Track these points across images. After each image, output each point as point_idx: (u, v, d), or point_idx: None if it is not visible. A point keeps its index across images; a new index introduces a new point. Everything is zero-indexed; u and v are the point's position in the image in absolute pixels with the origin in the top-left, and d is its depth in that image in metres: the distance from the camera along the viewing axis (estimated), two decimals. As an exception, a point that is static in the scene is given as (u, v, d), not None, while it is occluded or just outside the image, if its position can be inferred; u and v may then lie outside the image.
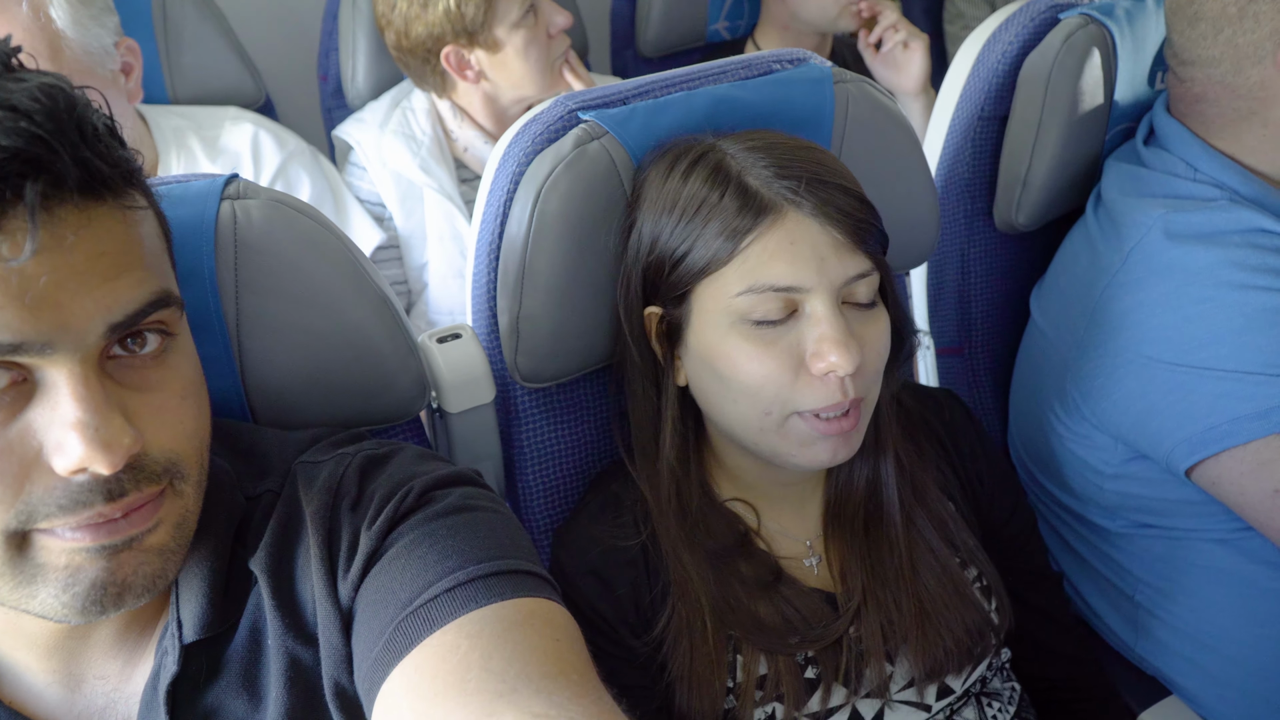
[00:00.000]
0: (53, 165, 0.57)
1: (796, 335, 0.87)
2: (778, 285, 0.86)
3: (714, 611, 0.93)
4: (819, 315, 0.86)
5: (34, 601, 0.62)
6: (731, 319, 0.88)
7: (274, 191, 0.87)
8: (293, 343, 0.87)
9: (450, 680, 0.61)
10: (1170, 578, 1.21)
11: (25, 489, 0.59)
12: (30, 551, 0.61)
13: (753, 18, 2.19)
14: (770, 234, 0.86)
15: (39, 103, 0.57)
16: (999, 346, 1.42)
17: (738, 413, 0.91)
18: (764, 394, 0.88)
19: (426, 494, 0.73)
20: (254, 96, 1.83)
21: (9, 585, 0.61)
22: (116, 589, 0.62)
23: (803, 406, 0.88)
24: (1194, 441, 1.06)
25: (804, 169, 0.87)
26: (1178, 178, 1.14)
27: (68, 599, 0.61)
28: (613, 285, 0.99)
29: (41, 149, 0.56)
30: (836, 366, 0.85)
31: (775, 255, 0.86)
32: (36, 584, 0.61)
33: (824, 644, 0.95)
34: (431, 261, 1.79)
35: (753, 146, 0.90)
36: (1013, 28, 1.28)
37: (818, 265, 0.86)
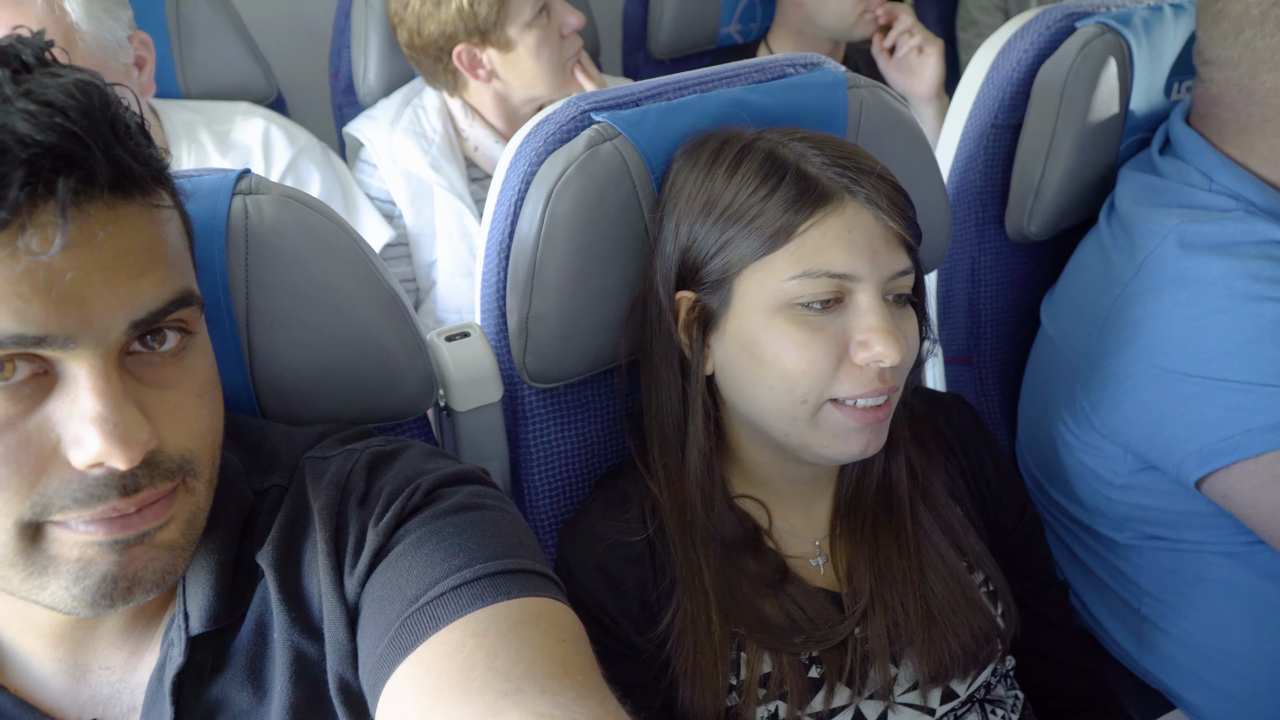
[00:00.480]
0: (85, 162, 0.57)
1: (843, 324, 0.89)
2: (833, 271, 0.87)
3: (720, 607, 0.93)
4: (866, 306, 0.88)
5: (44, 593, 0.62)
6: (779, 303, 0.89)
7: (285, 187, 0.87)
8: (302, 338, 0.87)
9: (455, 678, 0.61)
10: (1177, 590, 1.20)
11: (41, 481, 0.60)
12: (43, 543, 0.61)
13: (765, 21, 2.19)
14: (829, 221, 0.87)
15: (73, 99, 0.57)
16: (1008, 355, 1.42)
17: (772, 400, 0.91)
18: (803, 381, 0.89)
19: (434, 491, 0.73)
20: (265, 92, 1.83)
21: (20, 576, 0.62)
22: (126, 583, 0.63)
23: (840, 394, 0.89)
24: (1205, 453, 1.06)
25: (855, 162, 0.89)
26: (1193, 188, 1.14)
27: (78, 591, 0.62)
28: (623, 287, 0.99)
29: (75, 145, 0.57)
30: (882, 357, 0.86)
31: (834, 242, 0.87)
32: (48, 575, 0.62)
33: (829, 644, 0.95)
34: (440, 260, 1.79)
35: (803, 138, 0.91)
36: (1028, 35, 1.28)
37: (871, 256, 0.87)
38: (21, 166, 0.55)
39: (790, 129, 0.94)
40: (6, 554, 0.61)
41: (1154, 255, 1.11)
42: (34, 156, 0.55)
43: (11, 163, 0.55)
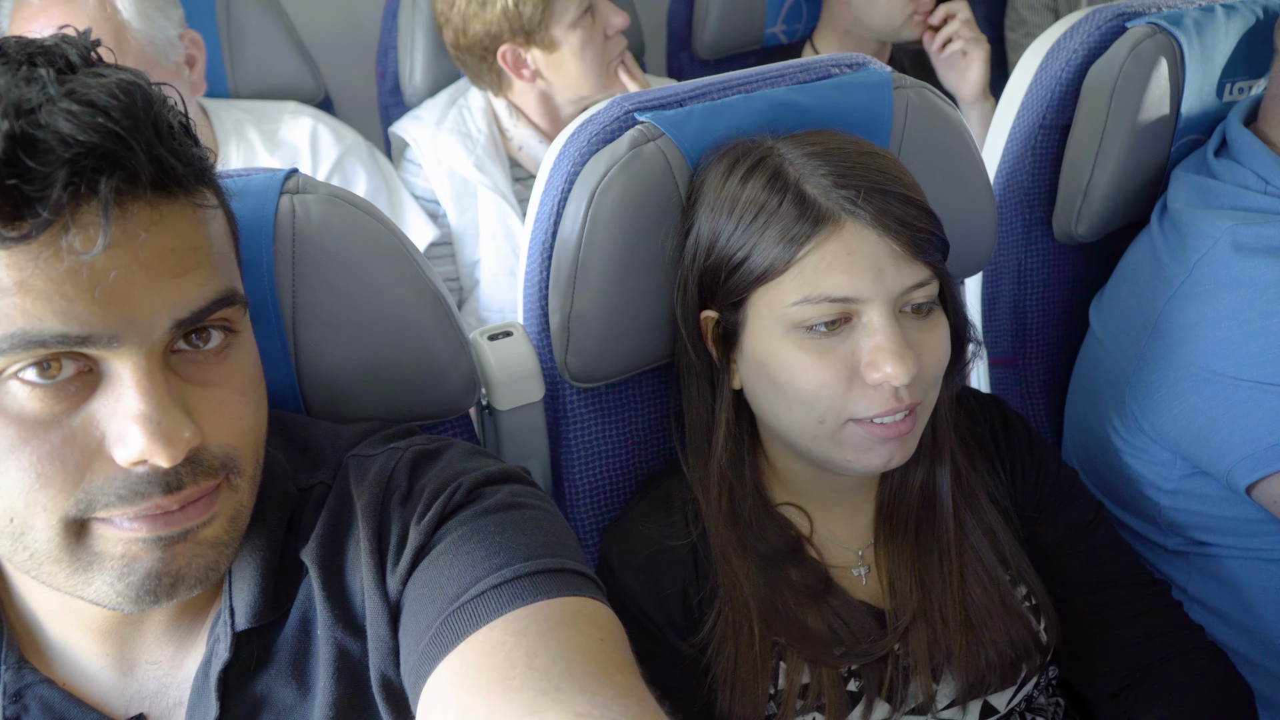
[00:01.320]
0: (128, 162, 0.58)
1: (852, 344, 0.87)
2: (834, 296, 0.86)
3: (761, 617, 0.93)
4: (875, 325, 0.86)
5: (89, 589, 0.63)
6: (786, 327, 0.88)
7: (332, 187, 0.88)
8: (347, 336, 0.87)
9: (495, 677, 0.61)
10: (1227, 599, 1.18)
11: (86, 478, 0.60)
12: (88, 540, 0.62)
13: (811, 21, 2.17)
14: (828, 244, 0.86)
15: (116, 99, 0.58)
16: (1054, 358, 1.40)
17: (792, 419, 0.91)
18: (818, 402, 0.88)
19: (475, 490, 0.74)
20: (313, 92, 1.85)
21: (65, 571, 0.62)
22: (170, 580, 0.63)
23: (858, 414, 0.88)
24: (1256, 458, 1.04)
25: (863, 177, 0.86)
26: (1248, 190, 1.12)
27: (122, 588, 0.62)
28: (665, 287, 0.99)
29: (117, 145, 0.57)
30: (891, 377, 0.85)
31: (832, 265, 0.85)
32: (92, 571, 0.62)
33: (870, 659, 0.94)
34: (484, 259, 1.80)
35: (812, 151, 0.89)
36: (1077, 36, 1.26)
37: (875, 276, 0.85)
38: (64, 166, 0.55)
39: (814, 135, 0.92)
40: (52, 550, 0.61)
41: (1207, 258, 1.10)
42: (76, 156, 0.55)
43: (54, 163, 0.55)
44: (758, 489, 0.99)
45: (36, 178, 0.55)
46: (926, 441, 0.97)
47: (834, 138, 0.92)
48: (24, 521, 0.60)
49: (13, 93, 0.55)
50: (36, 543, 0.61)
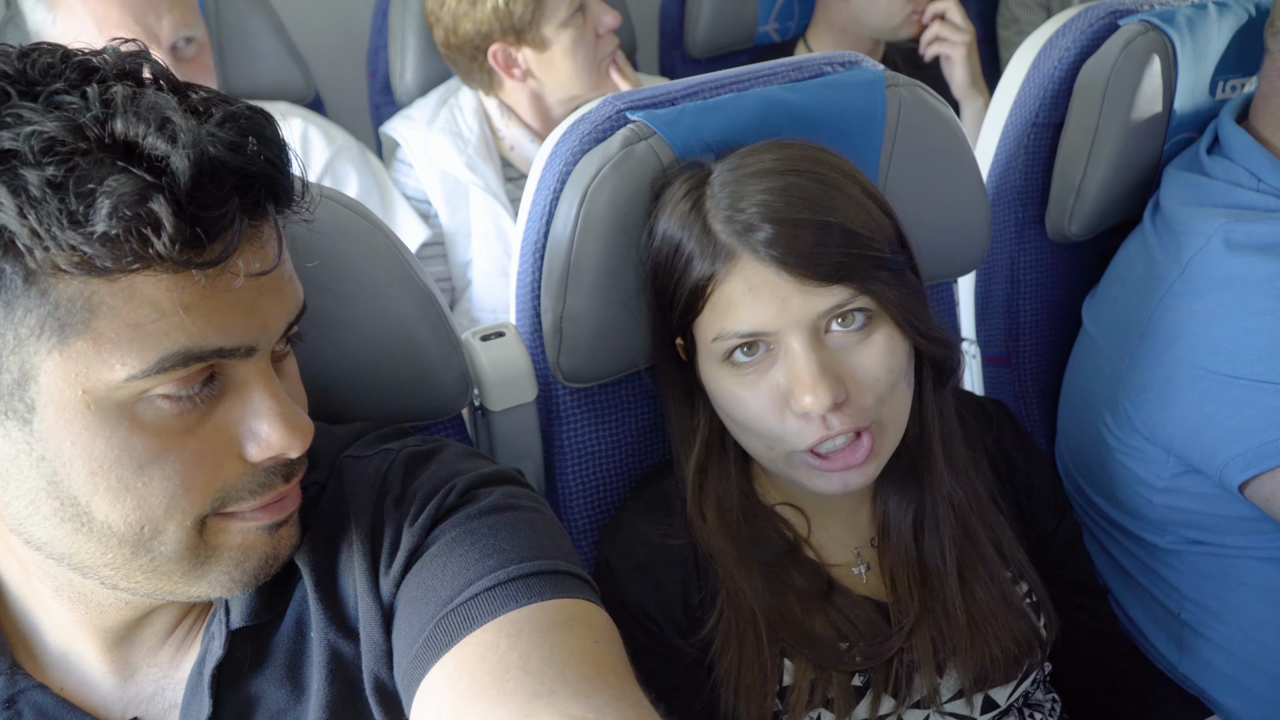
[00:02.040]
0: (282, 187, 0.63)
1: (776, 374, 0.87)
2: (741, 331, 0.85)
3: (768, 624, 0.93)
4: (791, 353, 0.85)
5: (201, 583, 0.66)
6: (717, 360, 0.89)
7: (322, 187, 0.88)
8: (339, 338, 0.87)
9: (489, 679, 0.61)
10: (1218, 596, 1.18)
11: (221, 478, 0.63)
12: (209, 535, 0.65)
13: (803, 19, 2.17)
14: (729, 280, 0.85)
15: (262, 129, 0.61)
16: (1047, 357, 1.40)
17: (749, 443, 0.92)
18: (760, 431, 0.89)
19: (469, 492, 0.74)
20: (303, 92, 1.85)
21: (183, 569, 0.65)
22: (273, 560, 0.69)
23: (795, 446, 0.87)
24: (1249, 456, 1.04)
25: (765, 208, 0.84)
26: (1241, 187, 1.12)
27: (238, 574, 0.67)
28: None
29: (275, 173, 0.61)
30: (810, 407, 0.84)
31: (735, 301, 0.85)
32: (209, 565, 0.65)
33: (878, 661, 0.94)
34: (476, 259, 1.79)
35: (738, 175, 0.87)
36: (1070, 33, 1.26)
37: (779, 307, 0.84)
38: (236, 194, 0.59)
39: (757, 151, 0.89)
40: (179, 551, 0.63)
41: (1199, 255, 1.10)
42: (246, 185, 0.59)
43: (229, 190, 0.58)
44: (747, 496, 0.98)
45: (217, 205, 0.57)
46: (912, 456, 0.96)
47: (772, 157, 0.88)
48: (157, 527, 0.62)
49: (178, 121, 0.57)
50: (165, 545, 0.63)
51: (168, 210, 0.55)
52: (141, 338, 0.58)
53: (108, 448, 0.59)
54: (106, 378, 0.58)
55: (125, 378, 0.58)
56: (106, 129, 0.56)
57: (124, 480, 0.60)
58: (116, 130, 0.56)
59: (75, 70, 0.59)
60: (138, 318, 0.57)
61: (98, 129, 0.56)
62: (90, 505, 0.60)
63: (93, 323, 0.57)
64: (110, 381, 0.58)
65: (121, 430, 0.59)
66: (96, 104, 0.57)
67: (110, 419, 0.59)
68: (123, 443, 0.60)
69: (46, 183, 0.54)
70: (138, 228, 0.55)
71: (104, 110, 0.57)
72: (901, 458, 0.95)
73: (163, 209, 0.55)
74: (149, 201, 0.55)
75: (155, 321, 0.58)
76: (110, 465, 0.60)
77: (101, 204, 0.54)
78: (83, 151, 0.55)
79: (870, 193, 0.89)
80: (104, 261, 0.55)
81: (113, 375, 0.58)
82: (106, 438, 0.59)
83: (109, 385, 0.58)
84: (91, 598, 0.68)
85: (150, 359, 0.58)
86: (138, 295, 0.57)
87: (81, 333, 0.57)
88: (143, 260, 0.56)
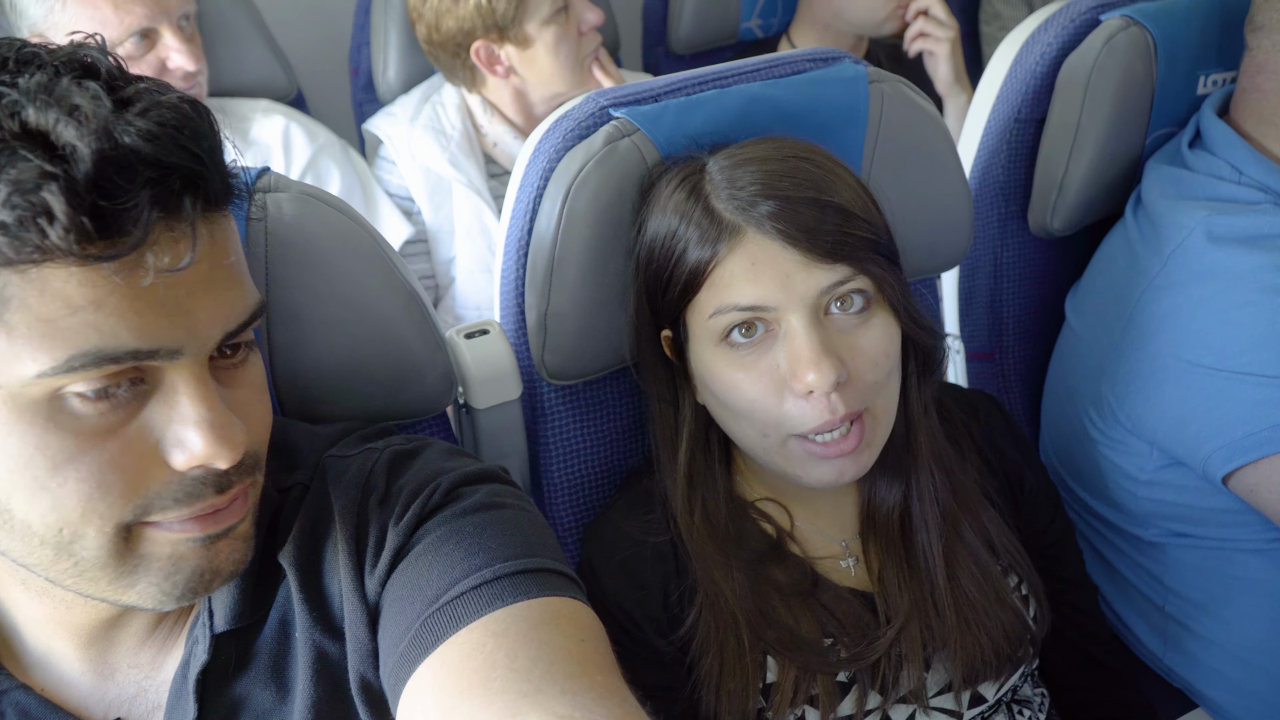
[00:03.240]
0: (206, 180, 0.60)
1: (776, 355, 0.87)
2: (741, 305, 0.86)
3: (749, 625, 0.92)
4: (792, 332, 0.85)
5: (130, 592, 0.64)
6: (714, 341, 0.88)
7: (305, 185, 0.87)
8: (322, 336, 0.87)
9: (475, 679, 0.61)
10: (1203, 589, 1.19)
11: (143, 484, 0.61)
12: (135, 544, 0.63)
13: (785, 16, 2.17)
14: (732, 255, 0.86)
15: (189, 119, 0.59)
16: (1031, 352, 1.40)
17: (741, 433, 0.92)
18: (756, 416, 0.88)
19: (454, 491, 0.74)
20: (286, 89, 1.84)
21: (109, 577, 0.63)
22: (210, 575, 0.65)
23: (795, 429, 0.87)
24: (1232, 448, 1.04)
25: (767, 186, 0.85)
26: (1222, 180, 1.12)
27: (168, 587, 0.64)
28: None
29: (198, 165, 0.59)
30: (813, 384, 0.84)
31: (737, 276, 0.85)
32: (137, 574, 0.63)
33: (864, 663, 0.94)
34: (459, 256, 1.79)
35: (735, 162, 0.88)
36: (1052, 29, 1.27)
37: (781, 283, 0.84)
38: (149, 186, 0.56)
39: (754, 144, 0.91)
40: (100, 557, 0.62)
41: (1181, 248, 1.10)
42: (161, 176, 0.57)
43: (140, 182, 0.56)
44: (730, 496, 0.98)
45: (123, 196, 0.55)
46: (896, 453, 0.96)
47: (767, 146, 0.90)
48: (75, 531, 0.60)
49: (88, 108, 0.56)
50: (85, 550, 0.61)
51: (61, 200, 0.54)
52: (52, 334, 0.56)
53: (22, 445, 0.58)
54: (19, 373, 0.57)
55: (35, 374, 0.57)
56: (18, 118, 0.55)
57: (39, 480, 0.59)
58: (28, 119, 0.55)
59: (17, 62, 0.58)
60: (49, 312, 0.56)
61: (10, 119, 0.55)
62: (9, 503, 0.59)
63: (4, 315, 0.56)
64: (22, 377, 0.57)
65: (36, 428, 0.58)
66: (15, 94, 0.56)
67: (26, 416, 0.58)
68: (38, 441, 0.58)
69: None
70: (33, 217, 0.54)
71: (22, 99, 0.56)
72: (887, 451, 0.95)
73: (55, 198, 0.54)
74: (41, 190, 0.54)
75: (66, 318, 0.56)
76: (25, 464, 0.58)
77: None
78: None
79: (860, 183, 0.90)
80: (6, 251, 0.54)
81: (24, 371, 0.57)
82: (21, 435, 0.58)
83: (21, 381, 0.57)
84: (54, 592, 0.67)
85: (59, 356, 0.56)
86: (49, 289, 0.56)
87: None
88: (42, 251, 0.55)
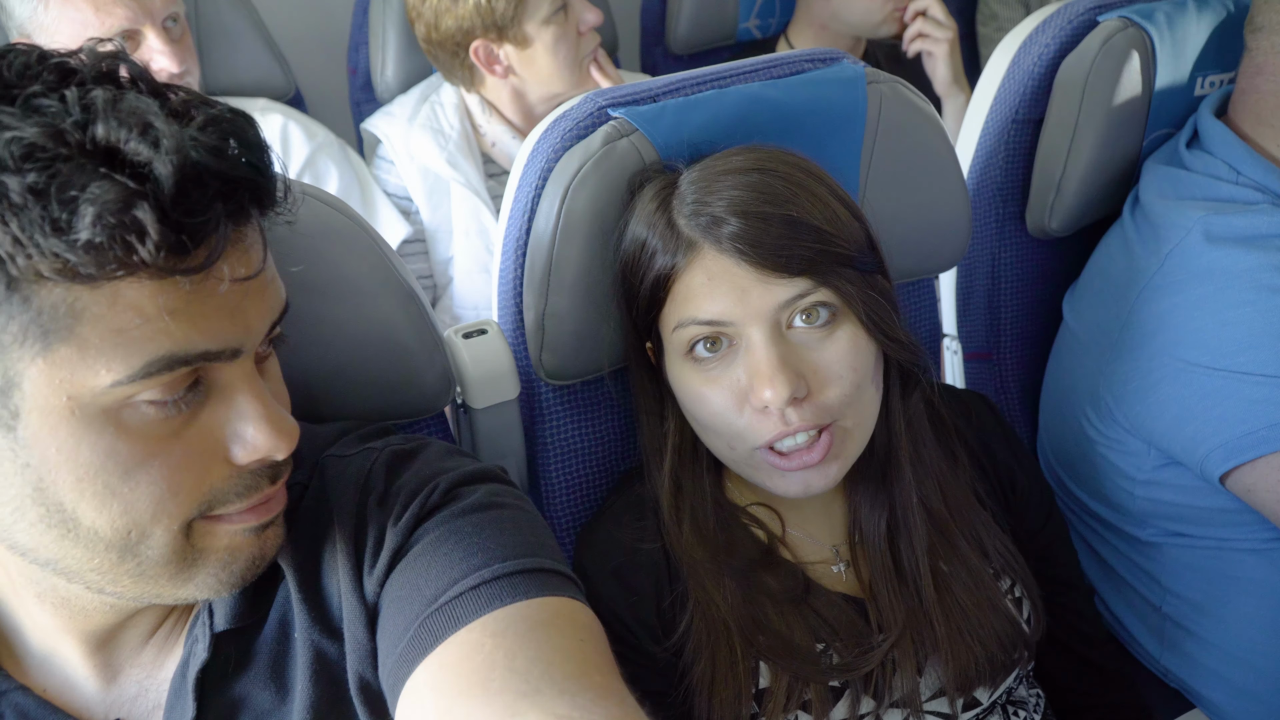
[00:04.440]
0: (265, 190, 0.63)
1: (738, 369, 0.87)
2: (700, 319, 0.86)
3: (741, 633, 0.92)
4: (752, 346, 0.85)
5: (188, 586, 0.66)
6: (681, 354, 0.89)
7: (304, 185, 0.87)
8: (320, 336, 0.87)
9: (474, 679, 0.61)
10: (1200, 589, 1.19)
11: (208, 481, 0.63)
12: (196, 539, 0.64)
13: (784, 16, 2.18)
14: (690, 270, 0.86)
15: (244, 132, 0.61)
16: (1029, 352, 1.41)
17: (712, 444, 0.93)
18: (721, 429, 0.89)
19: (452, 491, 0.74)
20: (284, 89, 1.84)
21: (169, 574, 0.64)
22: (260, 561, 0.69)
23: (755, 441, 0.87)
24: (1229, 447, 1.04)
25: (729, 201, 0.85)
26: (1219, 180, 1.12)
27: (225, 576, 0.67)
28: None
29: (259, 176, 0.61)
30: (768, 401, 0.84)
31: (696, 291, 0.86)
32: (196, 568, 0.65)
33: (857, 673, 0.94)
34: (457, 256, 1.79)
35: (705, 175, 0.88)
36: (1049, 30, 1.27)
37: (738, 298, 0.84)
38: (220, 199, 0.58)
39: (725, 155, 0.90)
40: (165, 555, 0.63)
41: (1179, 248, 1.10)
42: (230, 190, 0.59)
43: (212, 195, 0.57)
44: (719, 503, 0.98)
45: (201, 211, 0.57)
46: (880, 462, 0.96)
47: (740, 159, 0.89)
48: (144, 532, 0.62)
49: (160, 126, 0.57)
50: (151, 550, 0.63)
51: (152, 217, 0.55)
52: (126, 343, 0.57)
53: (93, 454, 0.59)
54: (91, 384, 0.57)
55: (110, 384, 0.58)
56: (88, 134, 0.56)
57: (110, 486, 0.60)
58: (98, 135, 0.56)
59: (53, 72, 0.58)
60: (122, 323, 0.57)
61: (79, 134, 0.55)
62: (76, 511, 0.60)
63: (77, 329, 0.56)
64: (95, 388, 0.58)
65: (107, 436, 0.59)
66: (77, 108, 0.56)
67: (95, 425, 0.59)
68: (108, 449, 0.59)
69: (28, 189, 0.53)
70: (122, 235, 0.54)
71: (85, 115, 0.56)
72: (870, 463, 0.95)
73: (147, 216, 0.55)
74: (133, 209, 0.54)
75: (139, 327, 0.57)
76: (96, 471, 0.59)
77: (85, 211, 0.54)
78: (64, 157, 0.54)
79: (838, 194, 0.89)
80: (88, 269, 0.55)
81: (98, 381, 0.57)
82: (92, 444, 0.59)
83: (94, 391, 0.58)
84: (75, 603, 0.68)
85: (135, 364, 0.58)
86: (122, 301, 0.57)
87: (66, 339, 0.56)
88: (127, 267, 0.56)
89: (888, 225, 0.95)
